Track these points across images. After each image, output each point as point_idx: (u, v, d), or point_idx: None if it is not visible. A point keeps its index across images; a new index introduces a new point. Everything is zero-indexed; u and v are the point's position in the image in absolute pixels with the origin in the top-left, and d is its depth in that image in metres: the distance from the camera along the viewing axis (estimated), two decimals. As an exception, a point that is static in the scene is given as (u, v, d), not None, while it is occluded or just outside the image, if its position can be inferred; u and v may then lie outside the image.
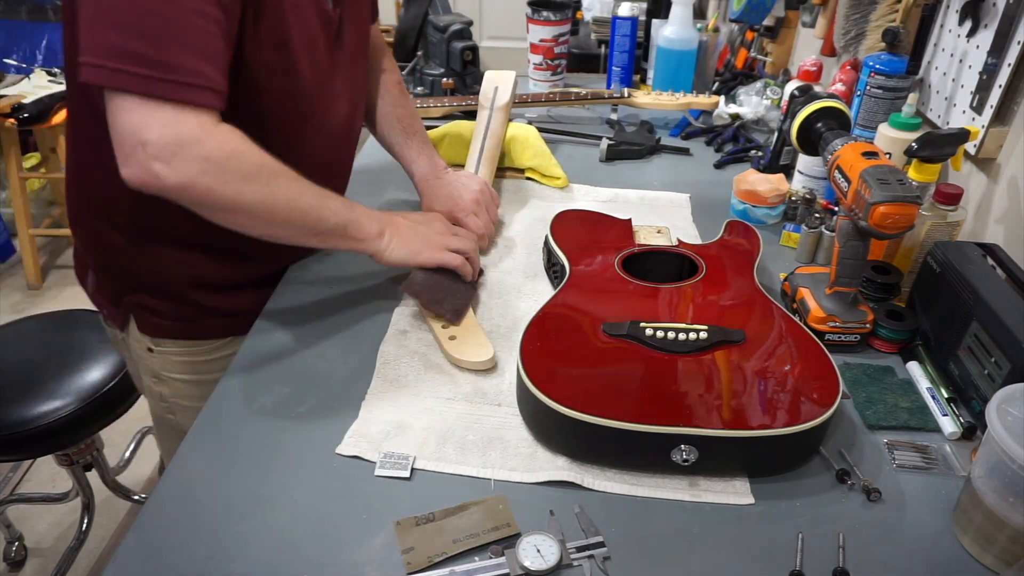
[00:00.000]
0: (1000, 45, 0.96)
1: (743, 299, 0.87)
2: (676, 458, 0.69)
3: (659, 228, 1.03)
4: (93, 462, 1.58)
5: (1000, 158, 0.98)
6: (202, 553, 0.63)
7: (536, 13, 1.62)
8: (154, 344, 1.00)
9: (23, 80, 2.64)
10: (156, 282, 0.96)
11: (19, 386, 1.38)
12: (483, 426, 0.77)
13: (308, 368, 0.84)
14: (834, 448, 0.75)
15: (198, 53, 0.74)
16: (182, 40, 0.72)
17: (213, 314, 0.98)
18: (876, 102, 1.12)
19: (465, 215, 1.05)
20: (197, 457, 0.73)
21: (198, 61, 0.74)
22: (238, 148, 0.77)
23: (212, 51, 0.75)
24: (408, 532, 0.65)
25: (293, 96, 0.89)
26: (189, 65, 0.73)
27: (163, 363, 1.02)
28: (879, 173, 0.80)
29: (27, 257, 2.69)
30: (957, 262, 0.84)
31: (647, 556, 0.65)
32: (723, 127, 1.48)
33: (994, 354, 0.76)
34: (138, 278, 0.97)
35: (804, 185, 1.18)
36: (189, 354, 1.01)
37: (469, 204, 1.06)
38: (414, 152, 1.13)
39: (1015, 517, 0.61)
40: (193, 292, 0.97)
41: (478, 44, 1.65)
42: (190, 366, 1.02)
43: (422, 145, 1.14)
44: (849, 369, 0.86)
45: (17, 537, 1.75)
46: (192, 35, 0.73)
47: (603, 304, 0.84)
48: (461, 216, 1.05)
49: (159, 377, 1.04)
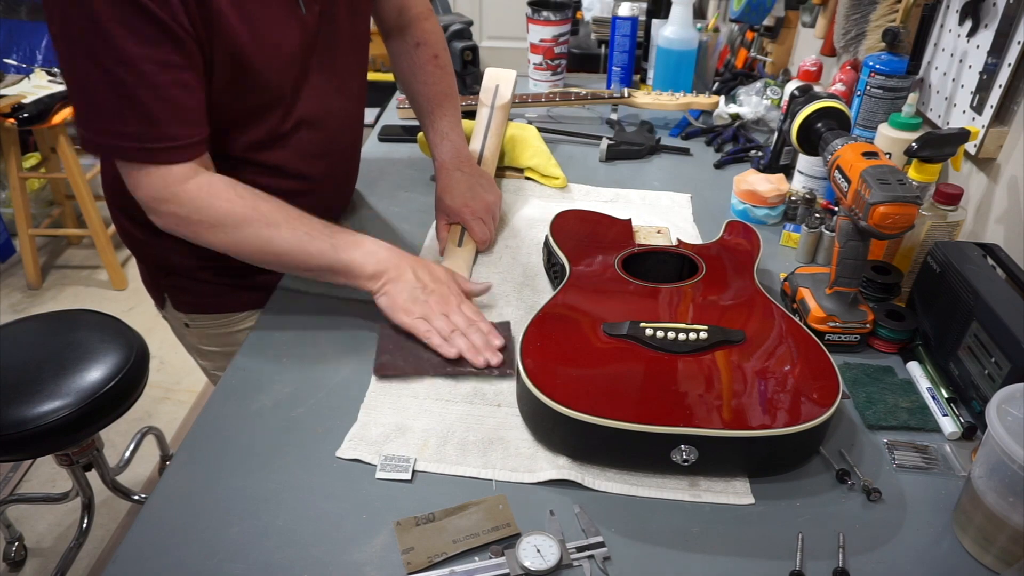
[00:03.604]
0: (1000, 45, 0.96)
1: (743, 299, 0.87)
2: (676, 458, 0.69)
3: (659, 228, 1.03)
4: (93, 462, 1.58)
5: (1000, 158, 0.98)
6: (202, 553, 0.63)
7: (536, 13, 1.62)
8: (189, 320, 1.08)
9: (23, 80, 2.64)
10: (181, 266, 1.03)
11: (19, 386, 1.37)
12: (483, 427, 0.77)
13: (308, 368, 0.84)
14: (834, 448, 0.75)
15: (165, 118, 0.80)
16: (147, 111, 0.79)
17: (239, 288, 1.04)
18: (876, 102, 1.12)
19: (473, 219, 1.05)
20: (197, 457, 0.73)
21: (166, 126, 0.80)
22: (201, 203, 0.85)
23: (178, 109, 0.81)
24: (408, 532, 0.65)
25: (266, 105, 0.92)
26: (155, 132, 0.80)
27: (199, 337, 1.10)
28: (879, 173, 0.80)
29: (27, 257, 2.69)
30: (957, 262, 0.84)
31: (647, 556, 0.65)
32: (723, 127, 1.48)
33: (994, 354, 0.76)
34: (165, 263, 1.04)
35: (804, 185, 1.18)
36: (220, 326, 1.08)
37: (480, 210, 1.06)
38: (438, 136, 1.13)
39: (1015, 517, 0.61)
40: (217, 273, 1.02)
41: (478, 44, 1.65)
42: (222, 338, 1.09)
43: (449, 128, 1.13)
44: (849, 369, 0.86)
45: (17, 537, 1.75)
46: (155, 103, 0.79)
47: (603, 304, 0.84)
48: (469, 219, 1.05)
49: (198, 351, 1.13)
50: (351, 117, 1.07)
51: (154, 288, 1.10)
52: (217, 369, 1.13)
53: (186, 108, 0.82)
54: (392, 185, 1.26)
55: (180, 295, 1.07)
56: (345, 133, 1.07)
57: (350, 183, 1.18)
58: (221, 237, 0.86)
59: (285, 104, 0.93)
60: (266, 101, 0.91)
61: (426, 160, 1.32)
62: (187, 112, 0.82)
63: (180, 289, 1.06)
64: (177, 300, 1.08)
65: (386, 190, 1.24)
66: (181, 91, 0.80)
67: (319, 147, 1.01)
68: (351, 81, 1.05)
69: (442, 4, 1.87)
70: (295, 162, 0.99)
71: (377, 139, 1.43)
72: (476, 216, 1.06)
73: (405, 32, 1.15)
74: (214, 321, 1.08)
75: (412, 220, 1.15)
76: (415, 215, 1.16)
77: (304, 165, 1.00)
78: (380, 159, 1.35)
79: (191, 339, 1.12)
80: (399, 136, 1.42)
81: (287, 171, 0.98)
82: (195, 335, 1.11)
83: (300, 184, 1.00)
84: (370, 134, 1.46)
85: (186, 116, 0.82)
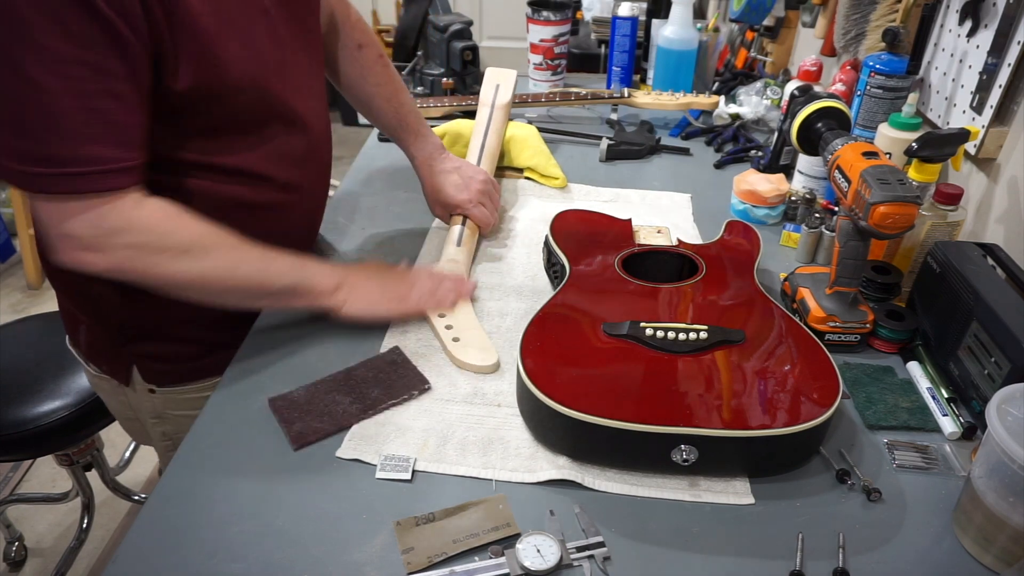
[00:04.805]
0: (1000, 45, 0.96)
1: (743, 299, 0.87)
2: (676, 458, 0.69)
3: (659, 228, 1.03)
4: (93, 462, 1.58)
5: (1000, 158, 0.98)
6: (202, 553, 0.63)
7: (536, 13, 1.62)
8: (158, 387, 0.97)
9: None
10: (156, 326, 0.92)
11: (19, 386, 1.37)
12: (483, 427, 0.77)
13: (308, 368, 0.84)
14: (834, 448, 0.75)
15: (91, 138, 0.69)
16: (69, 130, 0.67)
17: (218, 349, 0.92)
18: (876, 102, 1.12)
19: (472, 206, 1.04)
20: (197, 457, 0.73)
21: (93, 146, 0.69)
22: (165, 228, 0.75)
23: (110, 128, 0.69)
24: (408, 532, 0.65)
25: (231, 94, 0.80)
26: (84, 154, 0.68)
27: (165, 402, 0.98)
28: (879, 173, 0.80)
29: (27, 257, 2.69)
30: (957, 262, 0.84)
31: (647, 556, 0.65)
32: (723, 127, 1.48)
33: (994, 354, 0.76)
34: (137, 325, 0.92)
35: (804, 185, 1.18)
36: (195, 391, 0.97)
37: (475, 195, 1.05)
38: (410, 135, 1.09)
39: (1015, 517, 0.61)
40: (195, 330, 0.93)
41: (478, 44, 1.65)
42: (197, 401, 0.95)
43: (417, 124, 1.09)
44: (849, 369, 0.86)
45: (17, 537, 1.75)
46: (79, 122, 0.67)
47: (603, 304, 0.84)
48: (468, 207, 1.04)
49: (162, 416, 1.00)
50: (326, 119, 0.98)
51: (114, 360, 0.95)
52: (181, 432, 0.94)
53: (122, 125, 0.70)
54: (392, 185, 1.26)
55: (151, 363, 0.94)
56: (325, 141, 0.98)
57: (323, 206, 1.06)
58: (189, 266, 0.76)
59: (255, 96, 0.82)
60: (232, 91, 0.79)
61: (426, 160, 1.32)
62: (122, 130, 0.70)
63: (152, 357, 0.93)
64: (147, 369, 0.94)
65: (386, 190, 1.24)
66: (115, 103, 0.69)
67: (301, 151, 0.91)
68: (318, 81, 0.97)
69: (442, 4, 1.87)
70: (270, 166, 0.88)
71: (377, 139, 1.43)
72: (474, 202, 1.04)
73: (339, 33, 1.04)
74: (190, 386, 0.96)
75: (412, 220, 1.15)
76: (415, 215, 1.16)
77: (282, 170, 0.89)
78: (380, 159, 1.35)
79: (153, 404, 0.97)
80: (399, 136, 1.42)
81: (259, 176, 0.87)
82: (160, 400, 0.97)
83: (278, 196, 0.90)
84: (370, 134, 1.46)
85: (121, 135, 0.70)
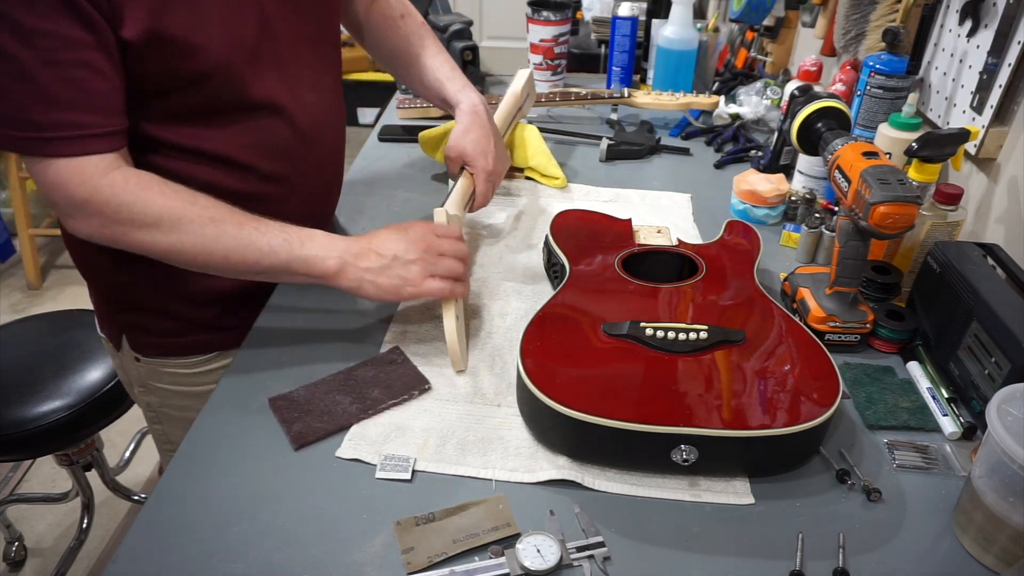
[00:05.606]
0: (1000, 45, 0.96)
1: (743, 299, 0.87)
2: (676, 458, 0.69)
3: (659, 228, 1.03)
4: (93, 462, 1.58)
5: (1000, 158, 0.98)
6: (202, 553, 0.63)
7: (536, 13, 1.62)
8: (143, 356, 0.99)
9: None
10: (144, 298, 0.94)
11: (19, 386, 1.38)
12: (483, 427, 0.77)
13: (308, 368, 0.84)
14: (834, 448, 0.75)
15: (68, 101, 0.72)
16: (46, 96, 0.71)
17: (204, 329, 0.96)
18: (876, 102, 1.12)
19: (484, 174, 0.99)
20: (197, 457, 0.73)
21: (72, 111, 0.72)
22: (129, 199, 0.75)
23: (86, 93, 0.72)
24: (408, 532, 0.65)
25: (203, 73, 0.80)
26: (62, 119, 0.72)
27: (150, 372, 0.99)
28: (879, 173, 0.80)
29: (27, 257, 2.69)
30: (957, 262, 0.84)
31: (647, 556, 0.65)
32: (723, 127, 1.48)
33: (994, 354, 0.76)
34: (128, 296, 0.94)
35: (804, 185, 1.18)
36: (177, 367, 0.99)
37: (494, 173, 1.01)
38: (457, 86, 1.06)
39: (1015, 517, 0.61)
40: (183, 307, 0.94)
41: (478, 44, 1.65)
42: (178, 377, 0.99)
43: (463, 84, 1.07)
44: (849, 369, 0.86)
45: (17, 537, 1.75)
46: (54, 89, 0.71)
47: (603, 304, 0.84)
48: (481, 173, 0.99)
49: (146, 387, 1.02)
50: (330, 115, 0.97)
51: (108, 325, 1.00)
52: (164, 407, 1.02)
53: (96, 93, 0.73)
54: (391, 185, 1.26)
55: (138, 334, 0.97)
56: (326, 137, 0.97)
57: (329, 202, 1.05)
58: (158, 238, 0.76)
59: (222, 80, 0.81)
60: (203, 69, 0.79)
61: (426, 160, 1.32)
62: (96, 97, 0.73)
63: (139, 328, 0.96)
64: (134, 340, 0.97)
65: (385, 190, 1.24)
66: (88, 72, 0.71)
67: (286, 143, 0.90)
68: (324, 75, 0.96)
69: (442, 4, 1.87)
70: (251, 156, 0.87)
71: (377, 139, 1.43)
72: (488, 174, 0.99)
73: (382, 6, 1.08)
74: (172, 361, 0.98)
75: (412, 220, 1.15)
76: (415, 216, 1.16)
77: (265, 161, 0.89)
78: (380, 159, 1.35)
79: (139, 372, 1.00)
80: (399, 136, 1.42)
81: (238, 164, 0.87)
82: (145, 370, 0.99)
83: (264, 187, 0.90)
84: (370, 134, 1.46)
85: (96, 102, 0.73)
